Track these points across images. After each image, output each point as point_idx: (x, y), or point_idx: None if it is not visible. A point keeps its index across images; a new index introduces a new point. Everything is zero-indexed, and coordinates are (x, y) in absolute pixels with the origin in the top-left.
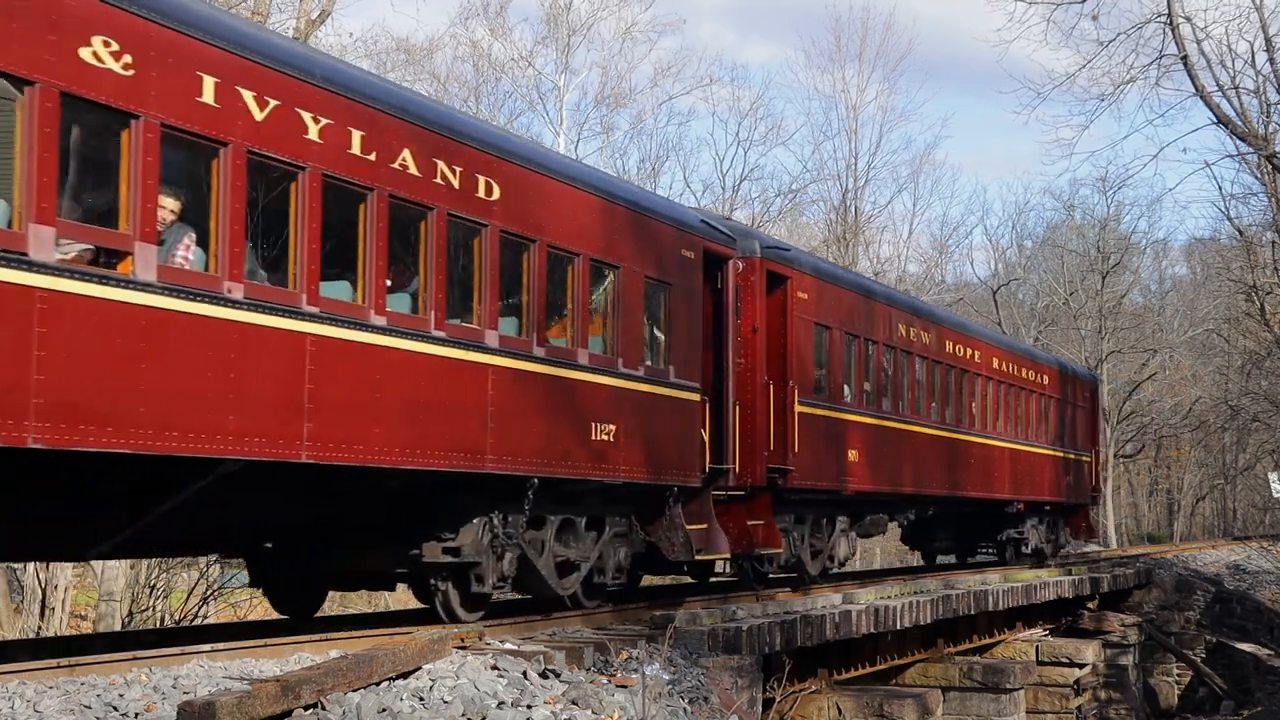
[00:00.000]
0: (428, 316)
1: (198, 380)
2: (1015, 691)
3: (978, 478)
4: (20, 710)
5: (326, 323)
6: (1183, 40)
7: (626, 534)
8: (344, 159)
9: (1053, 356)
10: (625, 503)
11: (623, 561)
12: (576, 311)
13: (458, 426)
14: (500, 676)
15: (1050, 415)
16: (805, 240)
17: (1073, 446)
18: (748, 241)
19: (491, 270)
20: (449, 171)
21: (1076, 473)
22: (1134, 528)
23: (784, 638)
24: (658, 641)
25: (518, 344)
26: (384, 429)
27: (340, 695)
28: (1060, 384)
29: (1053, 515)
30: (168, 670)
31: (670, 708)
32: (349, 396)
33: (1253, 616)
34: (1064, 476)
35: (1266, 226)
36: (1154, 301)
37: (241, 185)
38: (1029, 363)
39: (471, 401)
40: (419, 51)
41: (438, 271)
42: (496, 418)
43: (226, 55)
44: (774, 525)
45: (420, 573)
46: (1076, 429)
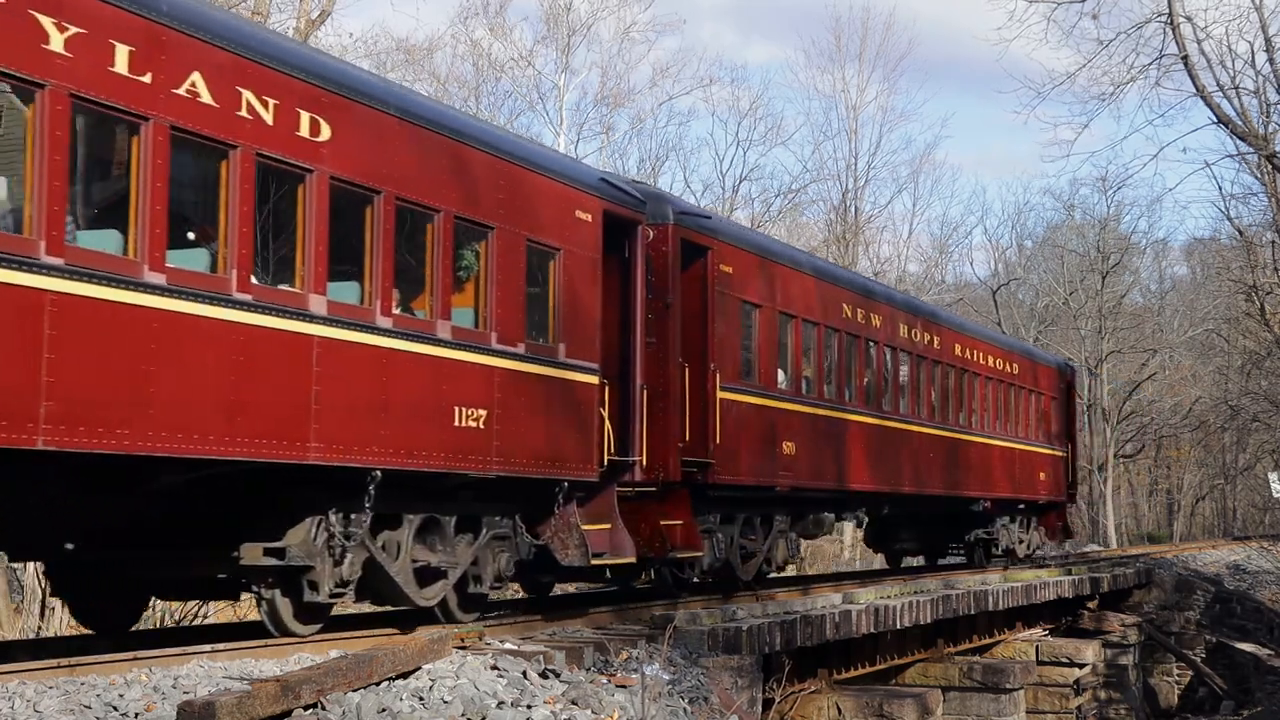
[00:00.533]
0: (228, 276)
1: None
2: (1015, 691)
3: (938, 474)
4: (20, 710)
5: (77, 279)
6: (1183, 40)
7: (510, 536)
8: (105, 79)
9: (1021, 343)
10: (508, 500)
11: (504, 568)
12: (436, 277)
13: (271, 410)
14: (500, 676)
15: (1020, 407)
16: (805, 240)
17: (1046, 441)
18: (659, 206)
19: (318, 224)
20: (258, 103)
21: (1051, 469)
22: (1134, 528)
23: (784, 638)
24: (658, 641)
25: (354, 313)
26: (161, 411)
27: (340, 695)
28: (1030, 373)
29: (1026, 514)
30: (168, 670)
31: (670, 708)
32: (112, 372)
33: (1253, 616)
34: (1036, 473)
35: (1266, 226)
36: (1154, 301)
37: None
38: (995, 350)
39: (288, 380)
40: (419, 51)
41: (241, 222)
42: (324, 400)
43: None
44: (693, 525)
45: (242, 578)
46: (1050, 422)
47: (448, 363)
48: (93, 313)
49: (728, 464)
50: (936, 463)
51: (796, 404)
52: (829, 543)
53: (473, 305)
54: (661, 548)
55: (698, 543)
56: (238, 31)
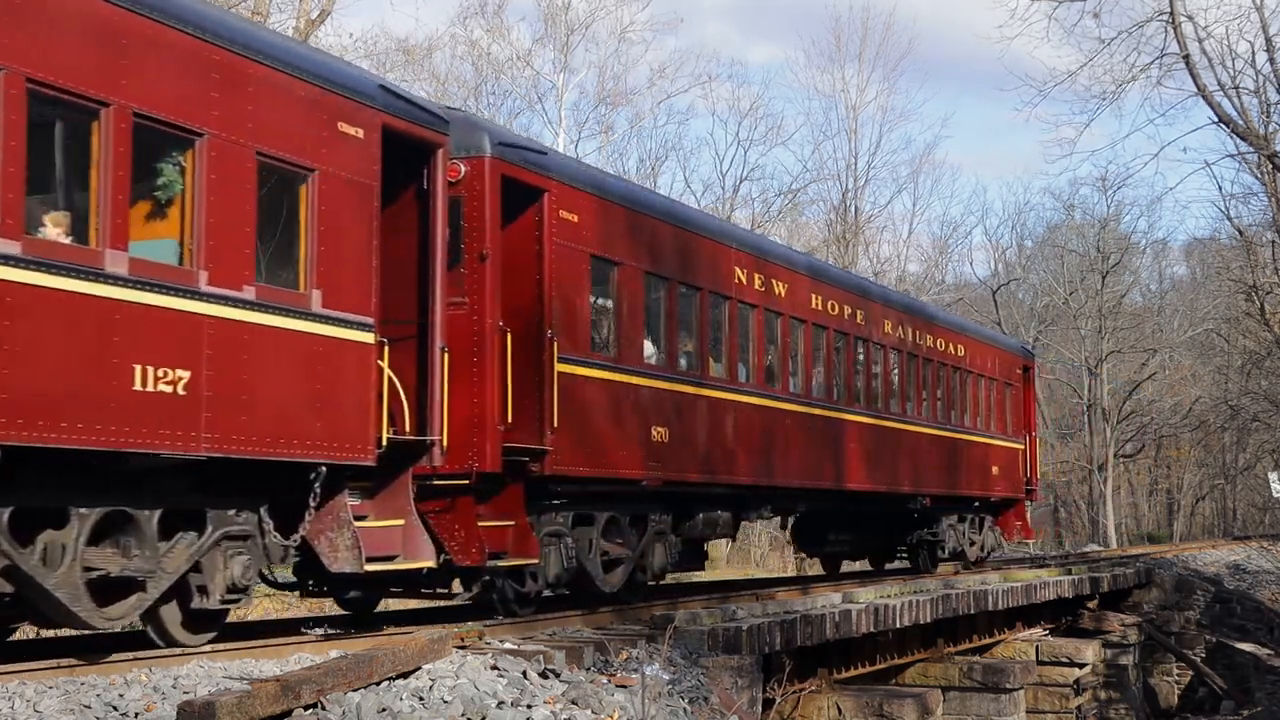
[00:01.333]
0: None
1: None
2: (1015, 691)
3: (867, 468)
4: (20, 710)
5: None
6: (1184, 39)
7: (252, 535)
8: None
9: (973, 324)
10: (249, 490)
11: (240, 576)
12: (104, 194)
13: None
14: (500, 676)
15: (970, 394)
16: (805, 240)
17: (1001, 432)
18: (472, 134)
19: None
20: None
21: (1006, 463)
22: (1134, 528)
23: (784, 637)
24: (658, 641)
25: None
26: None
27: (340, 695)
28: (983, 357)
29: (979, 512)
30: (168, 670)
31: (670, 708)
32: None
33: (1253, 616)
34: (988, 467)
35: (1266, 226)
36: (1154, 301)
37: None
38: (938, 329)
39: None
40: (418, 51)
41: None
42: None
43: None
44: (527, 527)
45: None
46: (1006, 411)
47: (121, 307)
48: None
49: (572, 452)
50: (863, 455)
51: (671, 383)
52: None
53: (177, 236)
54: (479, 553)
55: (531, 548)
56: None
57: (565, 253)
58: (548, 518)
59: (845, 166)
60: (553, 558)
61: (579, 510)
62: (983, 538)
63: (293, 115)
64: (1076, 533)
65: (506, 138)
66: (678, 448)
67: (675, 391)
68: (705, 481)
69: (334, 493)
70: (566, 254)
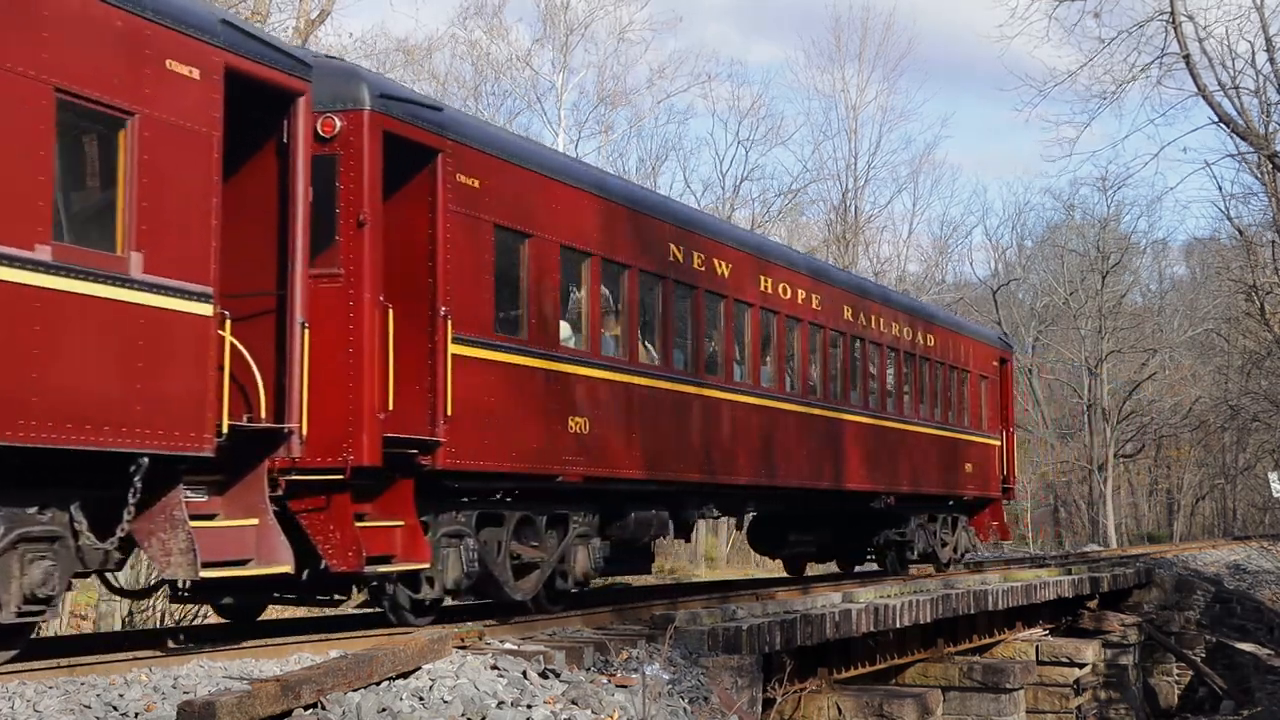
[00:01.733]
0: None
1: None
2: (1015, 691)
3: (820, 464)
4: (20, 710)
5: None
6: (1184, 39)
7: (60, 536)
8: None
9: (943, 311)
10: (55, 484)
11: (41, 585)
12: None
13: None
14: (500, 676)
15: (939, 386)
16: (805, 241)
17: (975, 427)
18: (351, 85)
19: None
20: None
21: (980, 460)
22: (1134, 528)
23: (784, 637)
24: (658, 641)
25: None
26: None
27: (340, 695)
28: (954, 347)
29: (952, 512)
30: (168, 670)
31: (670, 708)
32: None
33: (1253, 616)
34: (960, 464)
35: (1266, 226)
36: (1154, 301)
37: None
38: (903, 316)
39: None
40: (418, 51)
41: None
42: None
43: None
44: (418, 527)
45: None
46: (981, 405)
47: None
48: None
49: (472, 445)
50: (818, 451)
51: (593, 369)
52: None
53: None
54: (356, 557)
55: (422, 551)
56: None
57: (464, 222)
58: (447, 517)
59: (845, 166)
60: (451, 561)
61: (486, 509)
62: (955, 539)
63: (104, 49)
64: (1076, 533)
65: (392, 90)
66: (602, 441)
67: (598, 379)
68: (637, 478)
69: (165, 488)
70: (465, 223)
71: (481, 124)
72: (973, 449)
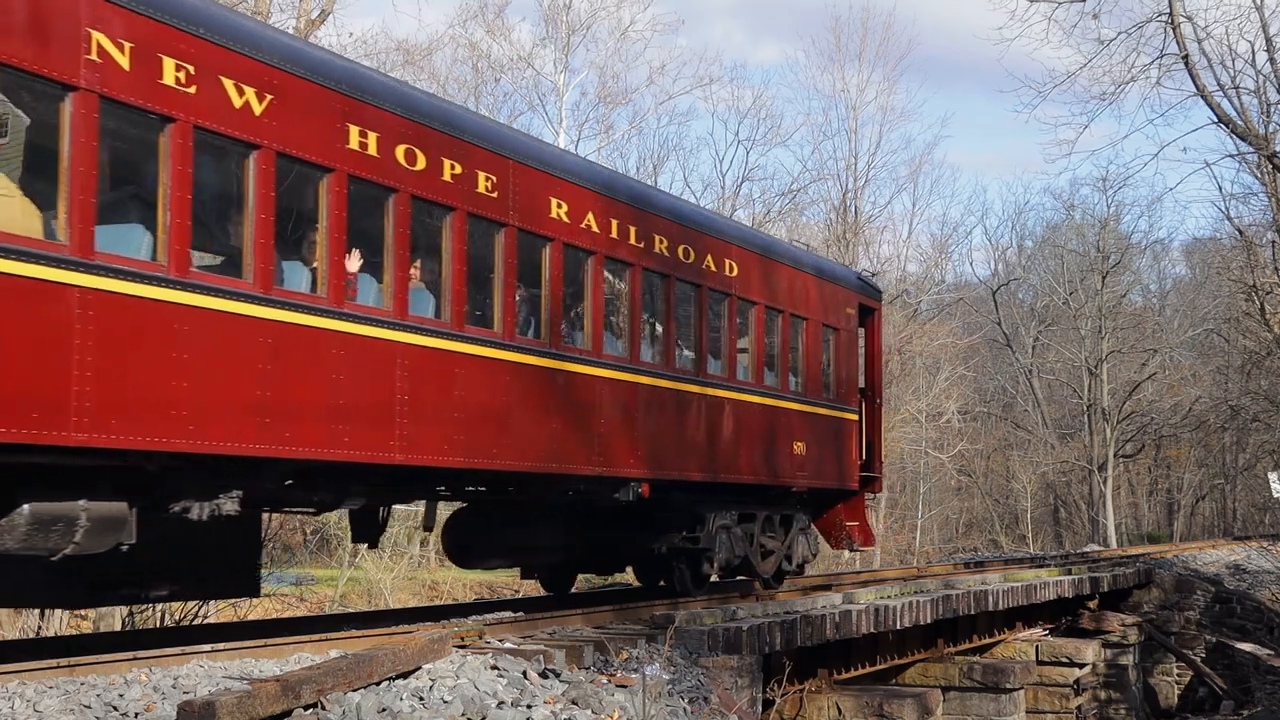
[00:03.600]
0: None
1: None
2: (1015, 691)
3: (544, 438)
4: (20, 710)
5: None
6: (1183, 39)
7: None
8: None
9: (761, 234)
10: None
11: None
12: None
13: None
14: (500, 676)
15: (755, 336)
16: (805, 240)
17: (814, 394)
18: None
19: None
20: None
21: (825, 439)
22: (1134, 528)
23: (784, 637)
24: (658, 641)
25: None
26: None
27: (340, 695)
28: (789, 286)
29: (782, 510)
30: (168, 670)
31: (670, 708)
32: None
33: (1253, 616)
34: (788, 444)
35: (1266, 226)
36: (1154, 302)
37: None
38: (711, 241)
39: None
40: (418, 52)
41: None
42: None
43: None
44: None
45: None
46: (827, 366)
47: None
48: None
49: None
50: (545, 420)
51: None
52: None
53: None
54: None
55: None
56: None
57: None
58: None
59: (845, 166)
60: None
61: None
62: (788, 545)
63: None
64: (1076, 533)
65: None
66: (153, 397)
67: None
68: (214, 450)
69: None
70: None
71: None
72: (809, 424)
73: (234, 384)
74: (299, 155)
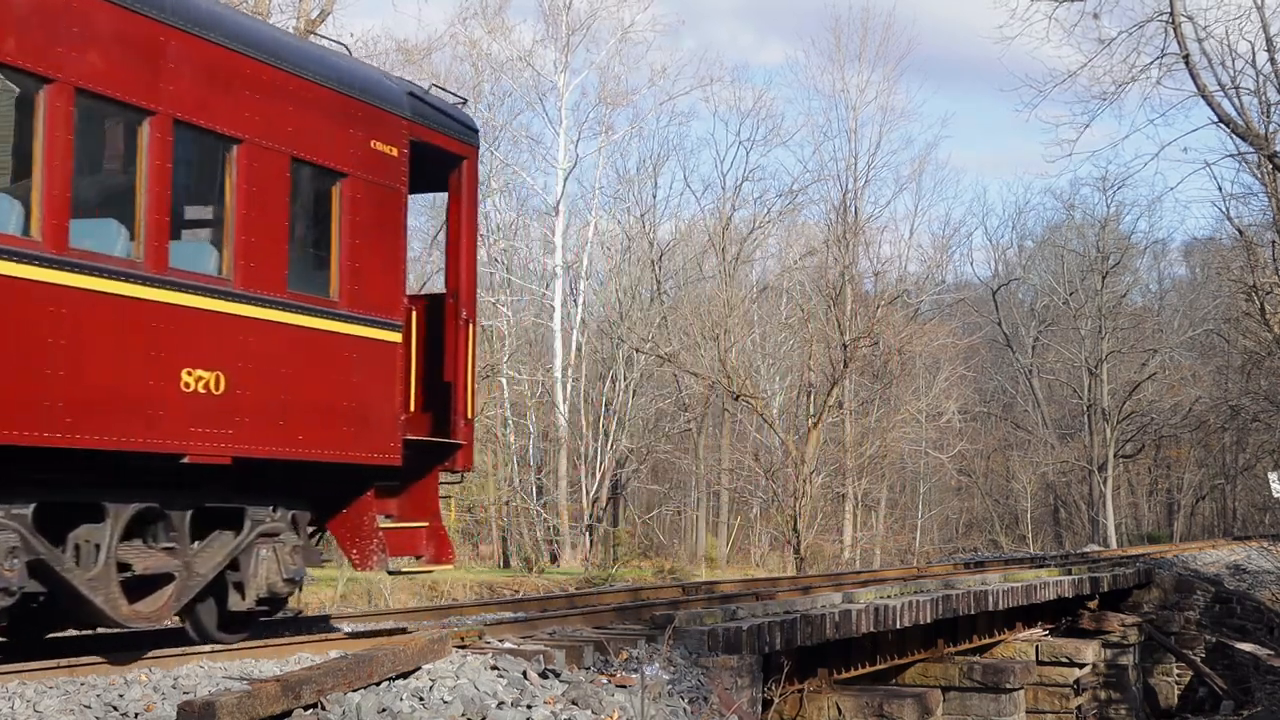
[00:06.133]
0: None
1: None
2: (1015, 691)
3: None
4: (20, 710)
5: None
6: (1184, 39)
7: None
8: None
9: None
10: None
11: None
12: None
13: None
14: (500, 676)
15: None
16: (805, 241)
17: (306, 299)
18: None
19: None
20: None
21: (332, 378)
22: (1134, 528)
23: (784, 637)
24: (658, 641)
25: None
26: None
27: (340, 695)
28: (213, 81)
29: (213, 499)
30: (168, 670)
31: (670, 708)
32: None
33: (1253, 616)
34: (190, 375)
35: (1266, 226)
36: (1154, 302)
37: None
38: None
39: None
40: (418, 51)
41: None
42: None
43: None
44: None
45: None
46: (337, 247)
47: None
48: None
49: None
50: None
51: None
52: (830, 542)
53: None
54: None
55: None
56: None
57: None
58: None
59: (845, 167)
60: None
61: None
62: (251, 569)
63: None
64: (1076, 533)
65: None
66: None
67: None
68: None
69: None
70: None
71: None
72: (250, 341)
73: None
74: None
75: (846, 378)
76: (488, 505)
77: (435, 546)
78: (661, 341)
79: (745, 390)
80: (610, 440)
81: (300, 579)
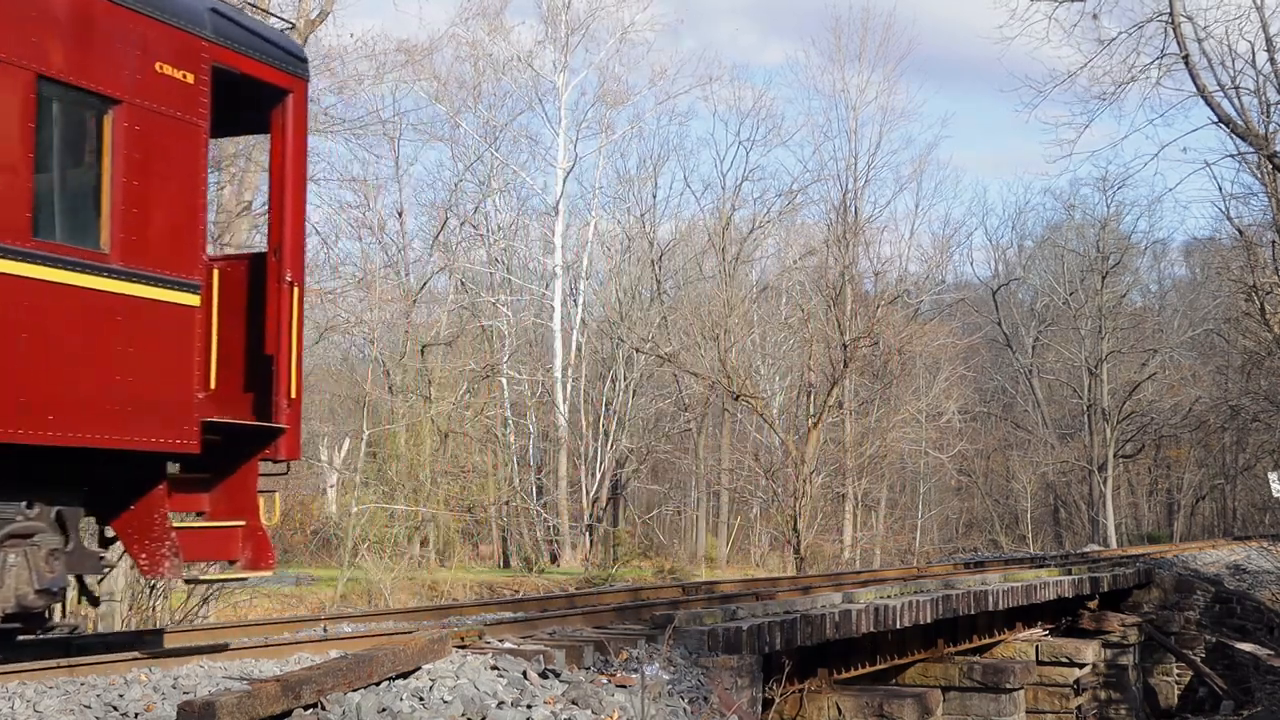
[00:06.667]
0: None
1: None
2: (1015, 691)
3: None
4: (20, 710)
5: None
6: (1184, 39)
7: None
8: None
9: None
10: None
11: None
12: None
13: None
14: (500, 676)
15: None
16: (805, 241)
17: (75, 248)
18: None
19: None
20: None
21: (133, 352)
22: (1134, 528)
23: (784, 637)
24: (658, 641)
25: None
26: None
27: (340, 695)
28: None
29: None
30: (168, 670)
31: (670, 708)
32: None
33: (1253, 616)
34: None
35: (1266, 226)
36: (1154, 302)
37: None
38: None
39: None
40: (418, 52)
41: None
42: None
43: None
44: None
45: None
46: (100, 190)
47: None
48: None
49: None
50: None
51: None
52: (830, 542)
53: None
54: None
55: None
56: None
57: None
58: None
59: (845, 167)
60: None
61: None
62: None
63: None
64: (1076, 533)
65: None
66: None
67: None
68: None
69: None
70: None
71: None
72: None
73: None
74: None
75: (846, 378)
76: (488, 505)
77: (252, 550)
78: (661, 341)
79: (745, 390)
80: (610, 440)
81: (60, 589)
